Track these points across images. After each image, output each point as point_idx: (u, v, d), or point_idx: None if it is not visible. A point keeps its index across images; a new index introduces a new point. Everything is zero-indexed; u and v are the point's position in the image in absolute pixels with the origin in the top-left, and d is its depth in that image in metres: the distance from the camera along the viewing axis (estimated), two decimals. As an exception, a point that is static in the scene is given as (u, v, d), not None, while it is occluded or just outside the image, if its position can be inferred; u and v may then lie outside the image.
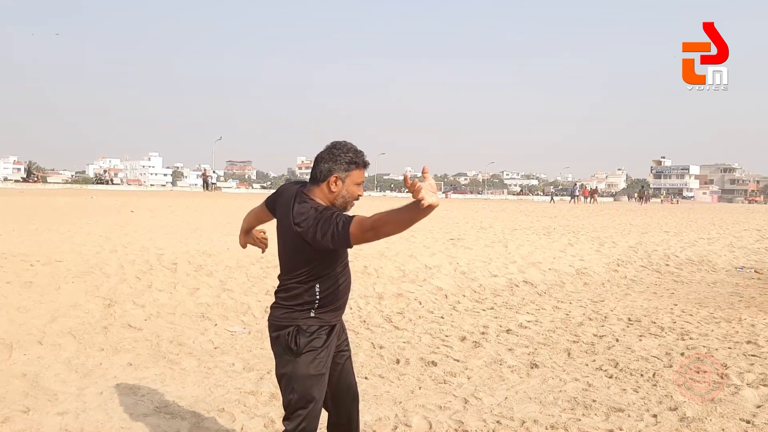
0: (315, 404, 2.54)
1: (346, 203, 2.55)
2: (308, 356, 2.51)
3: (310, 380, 2.51)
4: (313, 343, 2.52)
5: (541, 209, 29.45)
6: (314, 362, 2.51)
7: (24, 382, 4.19)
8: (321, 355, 2.53)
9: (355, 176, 2.52)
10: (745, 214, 31.63)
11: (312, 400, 2.52)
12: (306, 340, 2.51)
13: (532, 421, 3.81)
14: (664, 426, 3.75)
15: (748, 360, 5.17)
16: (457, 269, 8.99)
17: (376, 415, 3.86)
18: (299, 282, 2.52)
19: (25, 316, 5.29)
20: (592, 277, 9.95)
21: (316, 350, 2.52)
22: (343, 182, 2.50)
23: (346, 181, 2.50)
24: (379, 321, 6.46)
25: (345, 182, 2.50)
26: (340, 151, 2.50)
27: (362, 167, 2.54)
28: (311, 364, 2.51)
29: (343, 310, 2.69)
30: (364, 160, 2.54)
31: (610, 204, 49.08)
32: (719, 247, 14.20)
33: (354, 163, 2.51)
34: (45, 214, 13.53)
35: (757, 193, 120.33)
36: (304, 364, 2.50)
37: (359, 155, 2.53)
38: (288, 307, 2.55)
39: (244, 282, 7.00)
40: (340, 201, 2.52)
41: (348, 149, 2.52)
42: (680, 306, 7.75)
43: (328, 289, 2.55)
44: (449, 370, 4.82)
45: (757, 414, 3.93)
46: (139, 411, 3.82)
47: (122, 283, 6.43)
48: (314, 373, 2.51)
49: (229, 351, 5.20)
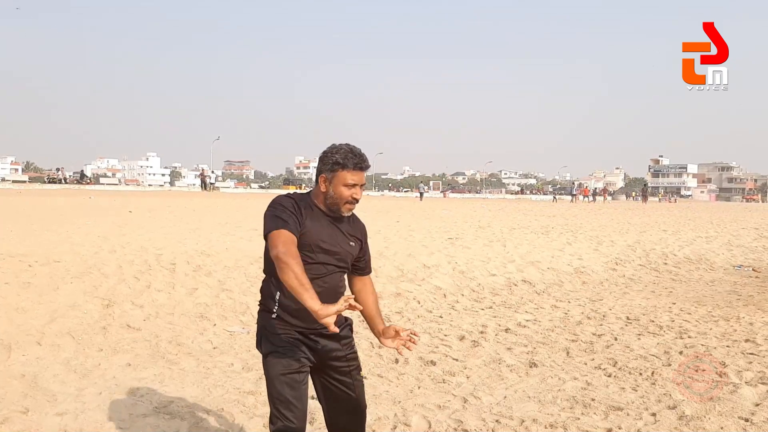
0: (290, 404, 2.47)
1: (336, 204, 2.51)
2: (274, 357, 2.49)
3: (279, 381, 2.48)
4: (276, 343, 2.50)
5: (539, 208, 29.48)
6: (281, 363, 2.48)
7: (23, 382, 4.19)
8: (289, 355, 2.49)
9: (342, 177, 2.48)
10: (742, 213, 31.68)
11: (285, 401, 2.47)
12: (271, 341, 2.51)
13: (531, 420, 3.82)
14: (663, 424, 3.75)
15: (747, 358, 5.18)
16: (456, 268, 9.00)
17: (375, 414, 3.85)
18: (265, 280, 2.57)
19: (24, 317, 5.29)
20: (591, 276, 9.96)
21: (281, 351, 2.49)
22: (330, 183, 2.50)
23: (333, 182, 2.49)
24: (378, 320, 6.45)
25: (332, 183, 2.49)
26: (330, 152, 2.50)
27: (351, 169, 2.48)
28: (278, 365, 2.48)
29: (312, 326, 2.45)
30: (354, 162, 2.48)
31: (608, 203, 49.14)
32: (717, 246, 14.23)
33: (339, 164, 2.47)
34: (43, 215, 13.51)
35: (755, 191, 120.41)
36: (272, 365, 2.49)
37: (348, 157, 2.48)
38: (260, 306, 2.58)
39: (242, 282, 7.00)
40: (329, 201, 2.52)
41: (337, 151, 2.49)
42: (678, 305, 7.76)
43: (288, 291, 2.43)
44: (448, 370, 4.82)
45: (756, 412, 3.93)
46: (138, 411, 3.82)
47: (121, 283, 6.43)
48: (283, 372, 2.48)
49: (228, 351, 5.19)
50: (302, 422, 2.51)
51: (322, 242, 2.51)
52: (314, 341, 2.55)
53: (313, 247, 2.49)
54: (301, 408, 2.51)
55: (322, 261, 2.52)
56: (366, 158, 2.55)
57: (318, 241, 2.50)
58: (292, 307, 2.47)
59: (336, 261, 2.56)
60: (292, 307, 2.47)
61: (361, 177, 2.52)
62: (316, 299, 2.18)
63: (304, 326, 2.50)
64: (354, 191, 2.51)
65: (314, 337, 2.55)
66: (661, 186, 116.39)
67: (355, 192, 2.52)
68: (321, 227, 2.52)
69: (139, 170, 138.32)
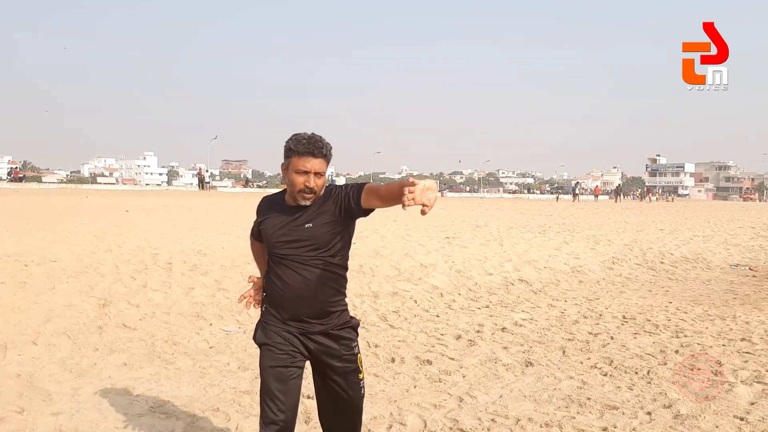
0: (275, 397, 2.47)
1: (293, 192, 2.46)
2: (266, 349, 2.55)
3: (267, 373, 2.51)
4: (269, 337, 2.54)
5: (537, 207, 29.49)
6: (271, 356, 2.52)
7: (18, 382, 4.18)
8: (280, 349, 2.51)
9: (294, 164, 2.42)
10: (740, 212, 31.74)
11: (270, 393, 2.48)
12: (264, 333, 2.57)
13: (527, 419, 3.82)
14: (659, 423, 3.76)
15: (743, 357, 5.19)
16: (453, 268, 9.00)
17: (371, 413, 3.85)
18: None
19: (20, 317, 5.27)
20: (588, 275, 9.97)
21: (273, 345, 2.53)
22: (287, 169, 2.47)
23: (289, 169, 2.46)
24: (375, 320, 6.46)
25: (288, 170, 2.46)
26: (288, 140, 2.46)
27: (302, 155, 2.39)
28: (268, 358, 2.52)
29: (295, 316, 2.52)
30: (306, 148, 2.39)
31: (605, 202, 49.17)
32: (714, 245, 14.25)
33: (291, 150, 2.43)
34: (39, 214, 13.48)
35: (752, 190, 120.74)
36: (263, 357, 2.55)
37: (300, 143, 2.40)
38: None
39: (239, 281, 6.99)
40: (289, 190, 2.50)
41: (293, 138, 2.44)
42: (675, 304, 7.77)
43: (267, 284, 2.62)
44: (444, 369, 4.82)
45: (751, 411, 3.94)
46: (133, 411, 3.82)
47: (117, 282, 6.42)
48: (272, 365, 2.51)
49: (224, 350, 5.19)
50: (288, 416, 2.49)
51: (278, 235, 2.53)
52: (309, 338, 2.56)
53: (272, 242, 2.55)
54: (287, 402, 2.49)
55: (285, 253, 2.52)
56: (321, 145, 2.42)
57: (274, 235, 2.53)
58: (275, 297, 2.56)
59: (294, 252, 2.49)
60: (275, 297, 2.56)
61: (314, 164, 2.41)
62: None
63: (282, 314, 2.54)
64: (306, 179, 2.42)
65: (311, 335, 2.55)
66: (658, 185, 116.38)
67: (308, 179, 2.42)
68: (277, 220, 2.54)
69: (136, 170, 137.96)
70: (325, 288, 2.53)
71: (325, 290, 2.53)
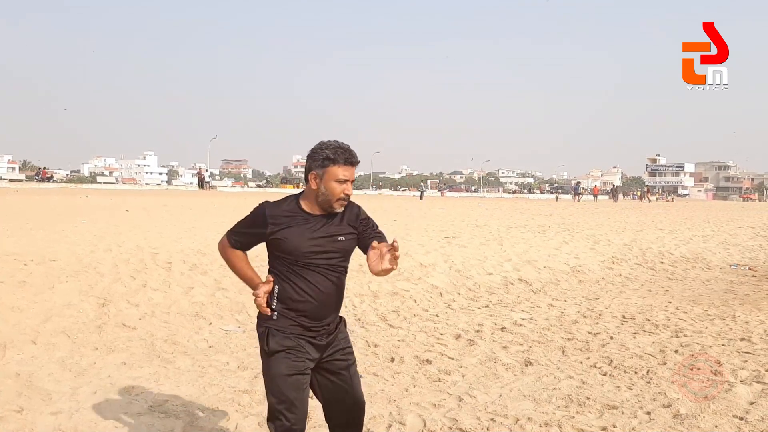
0: (293, 405, 2.48)
1: (328, 201, 2.49)
2: (279, 356, 2.50)
3: (284, 381, 2.48)
4: (284, 343, 2.51)
5: (536, 207, 29.50)
6: (287, 363, 2.49)
7: (18, 381, 4.18)
8: (296, 356, 2.50)
9: (333, 173, 2.45)
10: (739, 212, 31.74)
11: (287, 401, 2.48)
12: (276, 340, 2.51)
13: (526, 418, 3.82)
14: (658, 423, 3.76)
15: (742, 357, 5.19)
16: (453, 267, 9.00)
17: (371, 413, 3.85)
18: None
19: (19, 316, 5.27)
20: (587, 275, 9.97)
21: (289, 352, 2.50)
22: (321, 179, 2.47)
23: (324, 178, 2.46)
24: (374, 319, 6.46)
25: (323, 179, 2.47)
26: (320, 149, 2.48)
27: (342, 164, 2.45)
28: (283, 365, 2.49)
29: (320, 321, 2.56)
30: (345, 157, 2.46)
31: (605, 201, 49.19)
32: (714, 245, 14.26)
33: (330, 160, 2.45)
34: (39, 214, 13.48)
35: (752, 190, 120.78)
36: (278, 364, 2.50)
37: (339, 152, 2.45)
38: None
39: (238, 281, 6.93)
40: (320, 198, 2.49)
41: (327, 146, 2.48)
42: (674, 303, 7.77)
43: (285, 291, 2.53)
44: (444, 368, 4.82)
45: (750, 411, 3.94)
46: (133, 410, 3.82)
47: (116, 282, 6.42)
48: (289, 373, 2.49)
49: (223, 350, 5.19)
50: (303, 424, 2.53)
51: (308, 246, 2.50)
52: (320, 339, 2.57)
53: (301, 252, 2.50)
54: (302, 410, 2.53)
55: (314, 262, 2.52)
56: (356, 154, 2.53)
57: (304, 246, 2.49)
58: (290, 302, 2.52)
59: (326, 261, 2.54)
60: (290, 302, 2.52)
61: (351, 172, 2.50)
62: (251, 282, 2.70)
63: (305, 320, 2.53)
64: (345, 187, 2.49)
65: (321, 336, 2.57)
66: (658, 185, 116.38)
67: (347, 188, 2.50)
68: (305, 231, 2.50)
69: (136, 169, 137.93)
70: (343, 290, 2.66)
71: (342, 292, 2.67)
